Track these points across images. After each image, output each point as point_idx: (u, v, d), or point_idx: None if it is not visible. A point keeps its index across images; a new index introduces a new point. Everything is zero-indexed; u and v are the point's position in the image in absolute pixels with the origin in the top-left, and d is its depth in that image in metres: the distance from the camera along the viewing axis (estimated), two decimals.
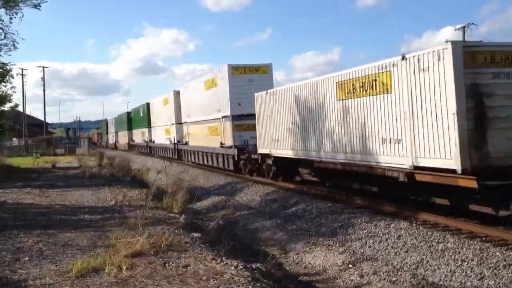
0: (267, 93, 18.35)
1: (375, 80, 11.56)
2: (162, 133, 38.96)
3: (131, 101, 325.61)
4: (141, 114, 48.34)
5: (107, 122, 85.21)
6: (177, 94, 33.56)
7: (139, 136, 50.87)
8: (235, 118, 21.87)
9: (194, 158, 29.67)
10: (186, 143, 31.28)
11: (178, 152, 33.75)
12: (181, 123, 32.93)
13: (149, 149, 44.72)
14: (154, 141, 43.01)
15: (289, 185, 17.10)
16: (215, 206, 16.72)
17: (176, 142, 33.64)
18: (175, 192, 14.24)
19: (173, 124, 34.54)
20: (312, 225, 12.04)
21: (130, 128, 57.40)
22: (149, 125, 44.68)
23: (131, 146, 56.42)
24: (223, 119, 22.97)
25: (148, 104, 45.51)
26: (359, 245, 9.90)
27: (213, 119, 24.78)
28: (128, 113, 58.90)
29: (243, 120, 21.70)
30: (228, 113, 22.12)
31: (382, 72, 11.28)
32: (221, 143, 23.16)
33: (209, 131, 25.65)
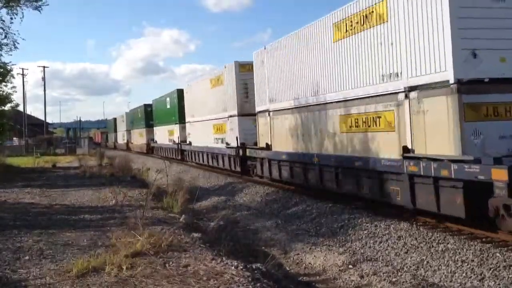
0: None
1: None
2: (206, 131, 26.05)
3: (131, 101, 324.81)
4: (168, 106, 36.34)
5: (115, 119, 73.47)
6: (240, 67, 20.97)
7: (164, 135, 38.32)
8: (466, 88, 9.04)
9: (292, 174, 16.09)
10: (267, 148, 17.77)
11: (242, 162, 20.71)
12: (250, 115, 20.06)
13: (181, 153, 32.53)
14: (190, 143, 29.71)
15: (290, 186, 17.08)
16: (216, 206, 16.72)
17: (239, 145, 20.50)
18: (175, 192, 14.25)
19: (232, 116, 21.70)
20: (312, 225, 12.04)
21: (149, 124, 45.44)
22: (180, 121, 32.39)
23: (151, 149, 44.44)
24: (417, 96, 10.06)
25: (180, 92, 32.80)
26: (359, 245, 9.90)
27: (371, 96, 11.60)
28: (147, 106, 46.63)
29: (490, 94, 9.23)
30: (449, 75, 9.15)
31: None
32: (405, 150, 10.39)
33: (356, 122, 12.23)
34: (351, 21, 12.28)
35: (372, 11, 11.40)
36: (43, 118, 70.06)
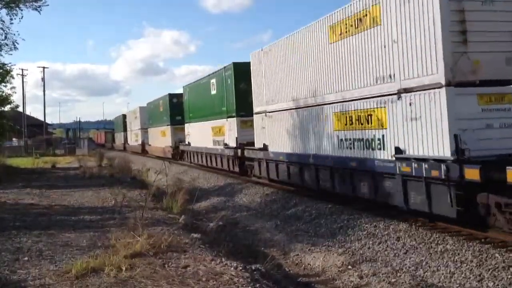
0: None
1: None
2: (316, 125, 14.05)
3: (131, 102, 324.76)
4: (214, 91, 24.32)
5: (124, 116, 62.59)
6: None
7: (203, 135, 26.20)
8: None
9: None
10: None
11: (461, 199, 8.78)
12: (474, 84, 9.10)
13: (240, 163, 20.97)
14: (264, 148, 17.73)
15: (289, 187, 17.08)
16: (215, 207, 16.73)
17: (459, 156, 8.69)
18: (175, 192, 14.25)
19: (421, 89, 9.51)
20: (311, 226, 12.05)
21: (176, 121, 34.58)
22: (239, 112, 20.84)
23: (180, 153, 33.16)
24: None
25: (239, 67, 21.05)
26: (358, 246, 9.91)
27: None
28: (172, 97, 35.87)
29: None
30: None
31: None
32: None
33: None
34: None
35: None
36: (42, 119, 70.19)
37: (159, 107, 39.50)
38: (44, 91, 66.29)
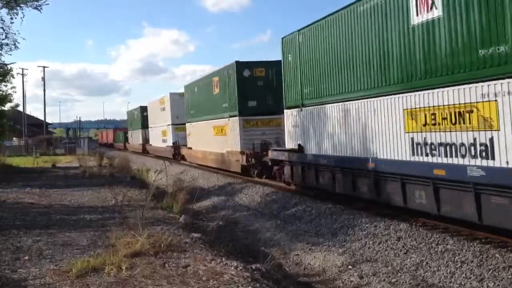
0: None
1: None
2: None
3: (131, 101, 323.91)
4: (420, 17, 9.20)
5: (142, 109, 48.12)
6: None
7: (394, 128, 10.48)
8: None
9: None
10: None
11: None
12: None
13: None
14: None
15: (289, 186, 17.08)
16: (215, 206, 16.72)
17: None
18: (175, 192, 14.26)
19: None
20: (311, 226, 12.05)
21: (248, 109, 20.33)
22: None
23: (279, 168, 16.86)
24: None
25: None
26: (358, 246, 9.91)
27: None
28: (242, 68, 20.34)
29: None
30: None
31: None
32: None
33: None
34: None
35: None
36: (42, 118, 70.21)
37: (212, 88, 24.36)
38: (44, 90, 66.20)
